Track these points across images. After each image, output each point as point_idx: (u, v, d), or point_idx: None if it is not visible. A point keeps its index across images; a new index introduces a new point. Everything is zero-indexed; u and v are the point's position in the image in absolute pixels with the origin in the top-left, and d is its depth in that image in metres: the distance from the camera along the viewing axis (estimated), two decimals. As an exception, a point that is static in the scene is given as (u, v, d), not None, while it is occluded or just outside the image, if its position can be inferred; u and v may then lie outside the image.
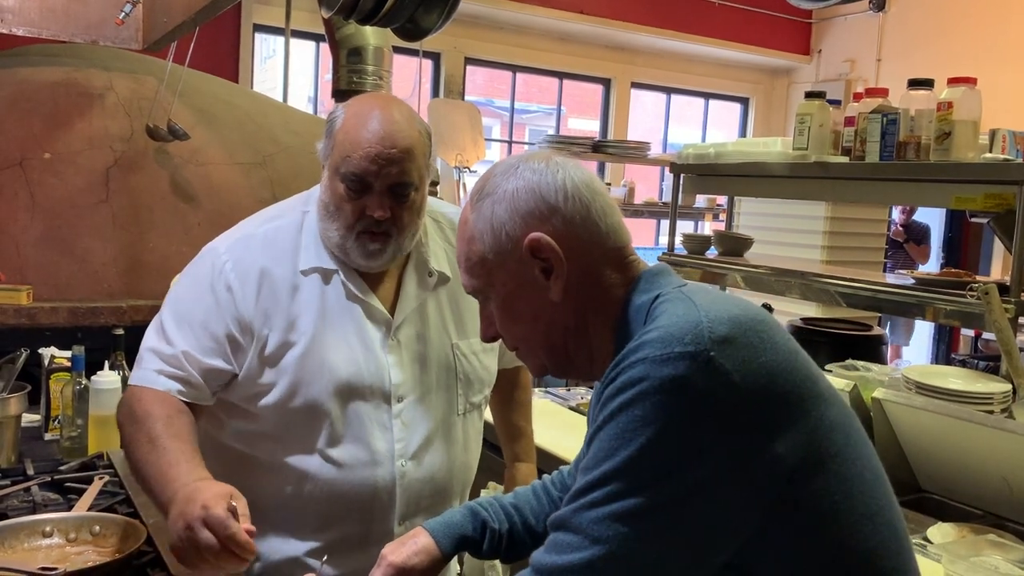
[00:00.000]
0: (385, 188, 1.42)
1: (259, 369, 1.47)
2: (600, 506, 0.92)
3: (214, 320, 1.45)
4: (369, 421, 1.49)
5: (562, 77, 7.56)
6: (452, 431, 1.58)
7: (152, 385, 1.44)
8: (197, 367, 1.45)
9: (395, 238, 1.46)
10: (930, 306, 2.25)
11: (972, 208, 2.23)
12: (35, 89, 2.94)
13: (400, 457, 1.50)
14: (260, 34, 6.09)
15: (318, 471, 1.47)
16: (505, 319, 1.11)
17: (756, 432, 0.91)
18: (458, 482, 1.61)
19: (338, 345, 1.48)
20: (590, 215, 1.07)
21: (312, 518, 1.50)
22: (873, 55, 7.44)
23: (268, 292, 1.47)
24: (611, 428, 0.93)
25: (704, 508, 0.90)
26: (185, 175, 3.09)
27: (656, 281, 1.07)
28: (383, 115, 1.43)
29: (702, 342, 0.91)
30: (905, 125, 2.30)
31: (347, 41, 3.76)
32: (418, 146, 1.45)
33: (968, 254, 7.43)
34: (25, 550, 1.42)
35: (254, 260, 1.48)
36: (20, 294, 2.68)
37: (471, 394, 1.60)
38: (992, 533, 1.79)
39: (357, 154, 1.41)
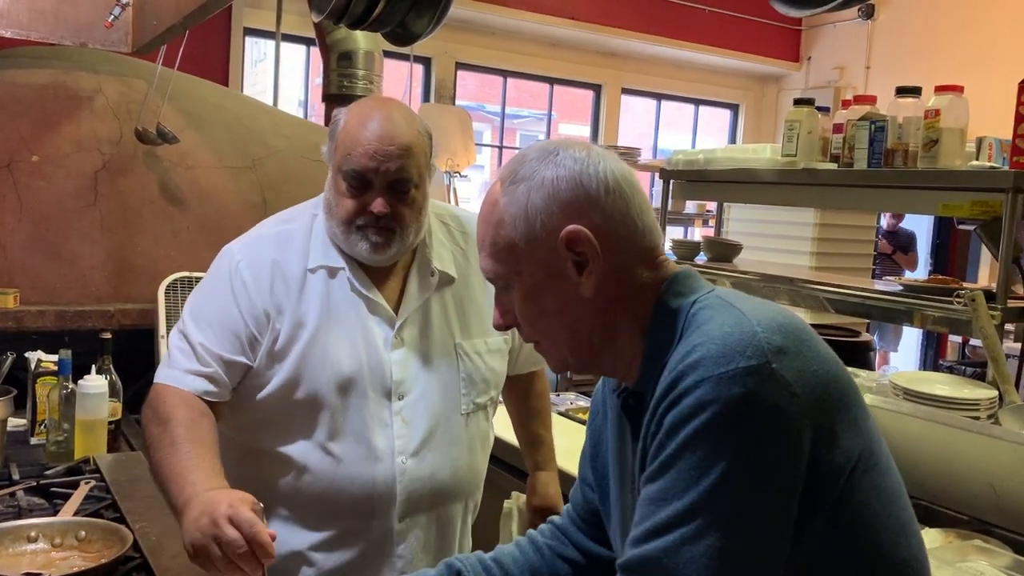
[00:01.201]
0: (384, 185, 1.46)
1: (267, 361, 1.51)
2: (695, 542, 0.88)
3: (233, 316, 1.50)
4: (370, 417, 1.51)
5: (553, 83, 7.57)
6: (455, 431, 1.59)
7: (178, 384, 1.47)
8: (220, 363, 1.48)
9: (398, 234, 1.50)
10: (918, 312, 2.26)
11: (959, 215, 2.24)
12: (23, 92, 2.93)
13: (400, 454, 1.52)
14: (251, 38, 6.07)
15: (318, 465, 1.50)
16: (529, 311, 1.06)
17: (818, 443, 0.90)
18: (462, 483, 1.62)
19: (341, 340, 1.51)
20: (629, 211, 1.03)
21: (313, 512, 1.53)
22: (862, 63, 7.48)
23: (280, 285, 1.52)
24: (689, 457, 0.89)
25: (783, 521, 0.89)
26: (174, 178, 3.08)
27: (689, 284, 1.04)
28: (382, 115, 1.48)
29: (762, 354, 0.89)
30: (893, 132, 2.32)
31: (338, 45, 3.76)
32: (417, 145, 1.48)
33: (955, 261, 7.47)
34: (10, 555, 1.41)
35: (267, 259, 1.54)
36: (7, 297, 2.66)
37: (475, 394, 1.61)
38: (978, 539, 1.79)
39: (357, 152, 1.45)
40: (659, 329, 1.01)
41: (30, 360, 2.24)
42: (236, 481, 1.45)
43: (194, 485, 1.30)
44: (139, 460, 1.99)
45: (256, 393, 1.52)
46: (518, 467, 2.45)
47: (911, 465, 2.11)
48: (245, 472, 1.53)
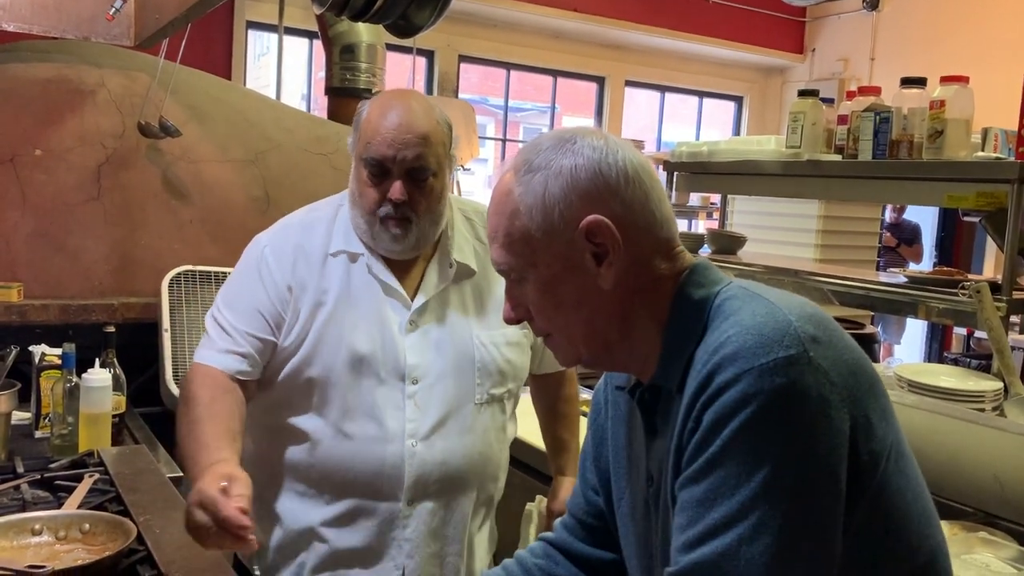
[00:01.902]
0: (403, 172, 1.51)
1: (288, 336, 1.58)
2: (753, 541, 0.85)
3: (260, 297, 1.58)
4: (382, 398, 1.55)
5: (556, 75, 7.56)
6: (469, 419, 1.61)
7: (210, 363, 1.55)
8: (249, 341, 1.56)
9: (416, 223, 1.54)
10: (922, 304, 2.25)
11: (964, 207, 2.23)
12: (26, 85, 2.92)
13: (411, 437, 1.56)
14: (253, 31, 6.07)
15: (330, 442, 1.56)
16: (544, 303, 1.03)
17: (856, 432, 0.88)
18: (474, 472, 1.64)
19: (357, 321, 1.57)
20: (648, 201, 1.00)
21: (325, 488, 1.58)
22: (866, 54, 7.45)
23: (303, 264, 1.60)
24: (737, 453, 0.86)
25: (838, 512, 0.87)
26: (177, 172, 3.08)
27: (710, 275, 1.02)
28: (402, 105, 1.53)
29: (799, 343, 0.87)
30: (898, 124, 2.31)
31: (340, 38, 3.74)
32: (435, 134, 1.53)
33: (960, 252, 7.45)
34: (14, 548, 1.42)
35: (291, 244, 1.62)
36: (11, 291, 2.66)
37: (490, 385, 1.63)
38: (983, 531, 1.79)
39: (376, 140, 1.51)
40: (681, 321, 0.99)
41: (34, 354, 2.25)
42: (257, 456, 1.59)
43: (198, 464, 1.37)
44: (143, 453, 1.99)
45: (278, 372, 1.59)
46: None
47: (916, 457, 2.11)
48: (262, 448, 1.62)
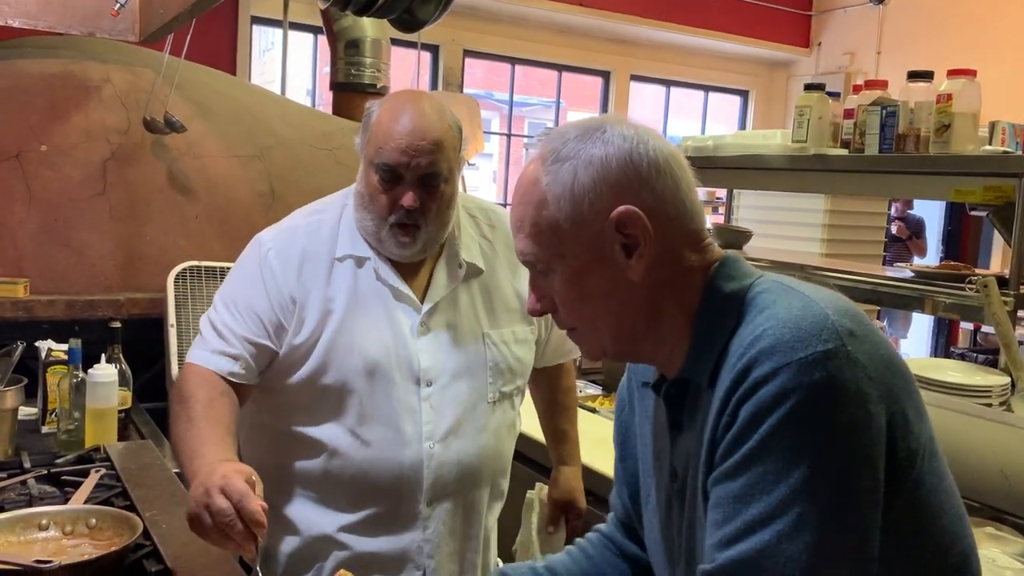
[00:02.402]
0: (416, 179, 1.49)
1: (295, 346, 1.54)
2: (792, 538, 0.83)
3: (261, 302, 1.55)
4: (398, 403, 1.54)
5: (561, 70, 7.54)
6: (482, 418, 1.61)
7: (204, 364, 1.52)
8: (245, 345, 1.53)
9: (425, 228, 1.52)
10: (929, 299, 2.24)
11: (971, 201, 2.22)
12: (31, 81, 2.93)
13: (428, 440, 1.55)
14: (258, 26, 6.06)
15: (347, 448, 1.54)
16: (571, 295, 1.01)
17: (893, 428, 0.87)
18: (488, 469, 1.64)
19: (368, 327, 1.55)
20: (678, 192, 0.99)
21: (342, 495, 1.56)
22: (873, 48, 7.42)
23: (308, 272, 1.56)
24: (776, 449, 0.85)
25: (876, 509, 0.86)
26: (182, 168, 3.08)
27: (740, 268, 1.00)
28: (414, 109, 1.50)
29: (837, 337, 0.86)
30: (904, 117, 2.29)
31: (345, 33, 3.74)
32: (448, 139, 1.51)
33: (967, 247, 7.43)
34: (21, 543, 1.42)
35: (297, 247, 1.58)
36: (17, 287, 2.67)
37: (501, 383, 1.64)
38: (990, 526, 1.79)
39: (389, 146, 1.48)
40: (712, 314, 0.97)
41: (40, 349, 2.25)
42: (267, 465, 1.52)
43: (203, 458, 1.35)
44: (149, 448, 2.00)
45: (287, 377, 1.56)
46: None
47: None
48: (276, 456, 1.59)
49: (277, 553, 1.62)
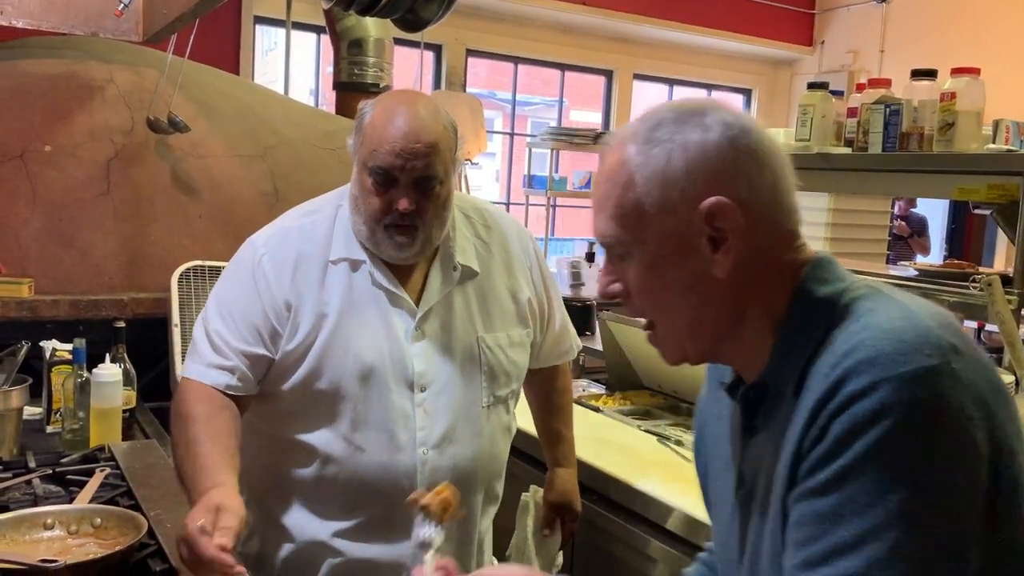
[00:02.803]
0: (410, 182, 1.46)
1: (289, 351, 1.52)
2: (886, 567, 0.78)
3: (254, 310, 1.52)
4: (392, 408, 1.52)
5: (564, 69, 7.54)
6: (476, 423, 1.60)
7: (200, 379, 1.51)
8: (240, 357, 1.51)
9: (422, 230, 1.50)
10: (933, 298, 2.23)
11: (975, 199, 2.22)
12: (35, 81, 2.93)
13: (422, 445, 1.54)
14: (261, 26, 6.07)
15: (341, 454, 1.52)
16: (648, 284, 0.96)
17: (997, 453, 0.82)
18: (483, 473, 1.64)
19: (362, 332, 1.53)
20: (778, 188, 0.94)
21: (336, 501, 1.54)
22: (876, 46, 7.41)
23: (302, 276, 1.54)
24: (871, 470, 0.79)
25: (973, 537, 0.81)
26: (186, 167, 3.09)
27: (834, 271, 0.95)
28: (409, 111, 1.47)
29: (942, 352, 0.80)
30: (908, 116, 2.29)
31: (348, 33, 3.74)
32: (443, 141, 1.48)
33: (971, 245, 7.41)
34: (27, 542, 1.42)
35: (291, 251, 1.56)
36: (21, 287, 2.68)
37: (496, 387, 1.62)
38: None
39: (383, 149, 1.45)
40: (801, 319, 0.92)
41: (45, 349, 2.26)
42: (261, 470, 1.54)
43: (195, 488, 1.36)
44: (153, 448, 2.01)
45: (281, 383, 1.54)
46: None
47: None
48: (270, 461, 1.57)
49: (273, 559, 1.61)
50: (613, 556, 2.15)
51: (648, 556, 2.03)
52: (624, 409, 2.73)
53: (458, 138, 1.54)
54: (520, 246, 1.71)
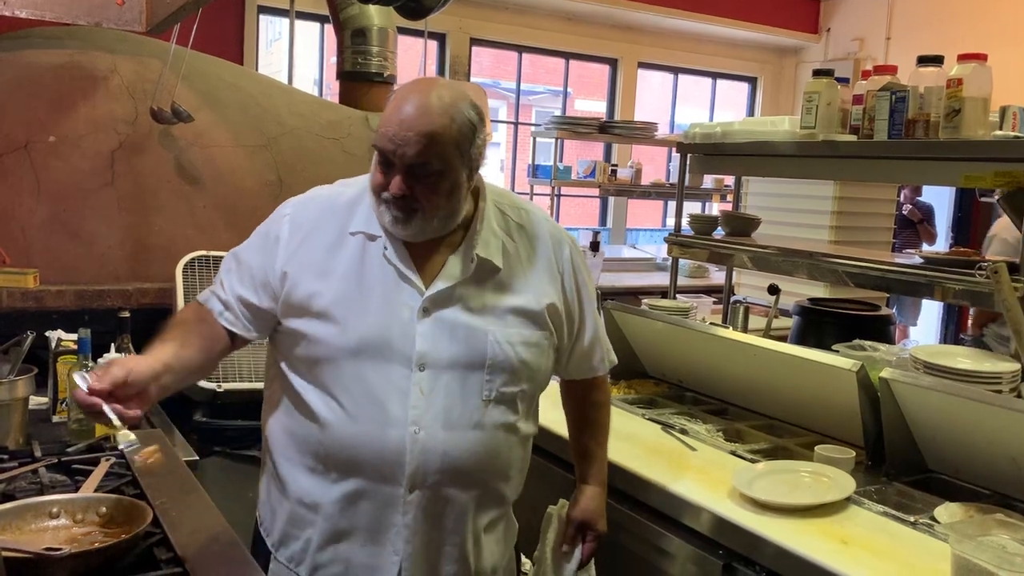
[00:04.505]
0: (403, 167, 1.49)
1: (290, 314, 1.60)
2: None
3: (259, 264, 1.63)
4: (388, 382, 1.55)
5: (568, 58, 7.52)
6: (475, 414, 1.59)
7: (203, 301, 1.66)
8: (236, 297, 1.62)
9: (420, 214, 1.53)
10: (939, 285, 2.23)
11: (982, 186, 2.21)
12: (39, 72, 2.93)
13: (414, 424, 1.55)
14: (265, 16, 6.05)
15: (336, 420, 1.56)
16: None
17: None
18: (479, 469, 1.62)
19: (366, 304, 1.57)
20: None
21: (332, 466, 1.59)
22: (882, 33, 7.37)
23: (312, 243, 1.61)
24: None
25: None
26: (190, 158, 3.09)
27: None
28: (416, 98, 1.50)
29: None
30: (914, 103, 2.28)
31: (351, 22, 3.73)
32: (445, 133, 1.49)
33: (977, 233, 7.37)
34: (32, 531, 1.43)
35: (311, 216, 1.64)
36: (27, 277, 2.68)
37: (501, 383, 1.61)
38: (1000, 513, 1.78)
39: (381, 131, 1.51)
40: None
41: (50, 339, 2.27)
42: (280, 427, 1.65)
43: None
44: (159, 437, 2.01)
45: (289, 348, 1.62)
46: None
47: (931, 439, 2.10)
48: (287, 419, 1.65)
49: (277, 513, 1.67)
50: (618, 544, 2.15)
51: (652, 543, 2.03)
52: (629, 398, 2.73)
53: (479, 135, 1.55)
54: (555, 252, 1.70)
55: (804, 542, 1.73)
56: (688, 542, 1.93)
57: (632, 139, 6.53)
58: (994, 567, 1.47)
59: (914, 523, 1.82)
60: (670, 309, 2.98)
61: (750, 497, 1.90)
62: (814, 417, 2.38)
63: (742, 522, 1.82)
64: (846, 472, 2.02)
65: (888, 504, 1.92)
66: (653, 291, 5.19)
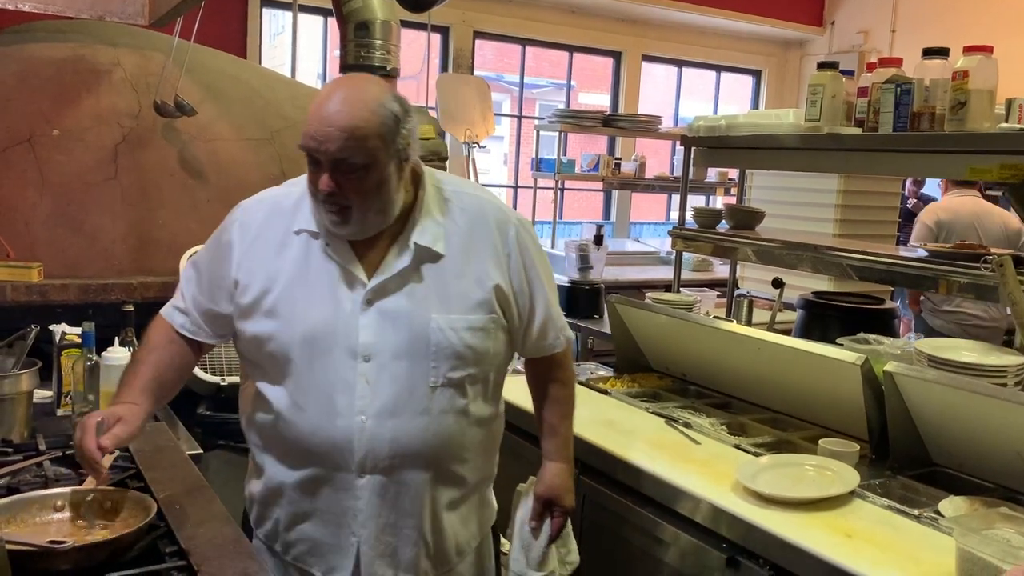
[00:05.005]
0: (329, 164, 1.52)
1: (243, 315, 1.65)
2: None
3: (213, 269, 1.69)
4: (334, 375, 1.60)
5: (572, 51, 7.49)
6: (423, 401, 1.62)
7: (162, 313, 1.74)
8: (197, 307, 1.71)
9: (355, 211, 1.55)
10: (944, 279, 2.23)
11: (987, 179, 2.20)
12: (43, 65, 2.93)
13: (360, 413, 1.59)
14: (268, 9, 6.04)
15: (288, 412, 1.63)
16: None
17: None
18: (430, 453, 1.65)
19: (311, 300, 1.61)
20: None
21: (288, 453, 1.66)
22: (887, 26, 7.33)
23: (261, 248, 1.65)
24: None
25: None
26: (193, 151, 3.08)
27: None
28: (335, 95, 1.53)
29: None
30: (919, 95, 2.27)
31: (354, 15, 3.72)
32: (367, 127, 1.50)
33: (983, 227, 7.35)
34: (37, 524, 1.43)
35: (258, 218, 1.69)
36: (31, 271, 2.68)
37: (448, 369, 1.63)
38: (1004, 506, 1.78)
39: (305, 130, 1.53)
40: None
41: (55, 333, 2.27)
42: (251, 412, 1.71)
43: (118, 397, 1.60)
44: (163, 431, 2.01)
45: (241, 340, 1.69)
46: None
47: (936, 433, 2.09)
48: (252, 407, 1.72)
49: (255, 494, 1.74)
50: (621, 537, 2.15)
51: (656, 537, 2.03)
52: (632, 391, 2.73)
53: (403, 126, 1.55)
54: (500, 233, 1.70)
55: (808, 535, 1.72)
56: (692, 535, 1.93)
57: (636, 132, 6.51)
58: (998, 560, 1.46)
59: (918, 517, 1.82)
60: (674, 303, 2.98)
61: (754, 491, 1.90)
62: (818, 411, 2.38)
63: (746, 515, 1.82)
64: (850, 466, 2.02)
65: (892, 498, 1.92)
66: (657, 285, 5.18)
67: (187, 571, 1.32)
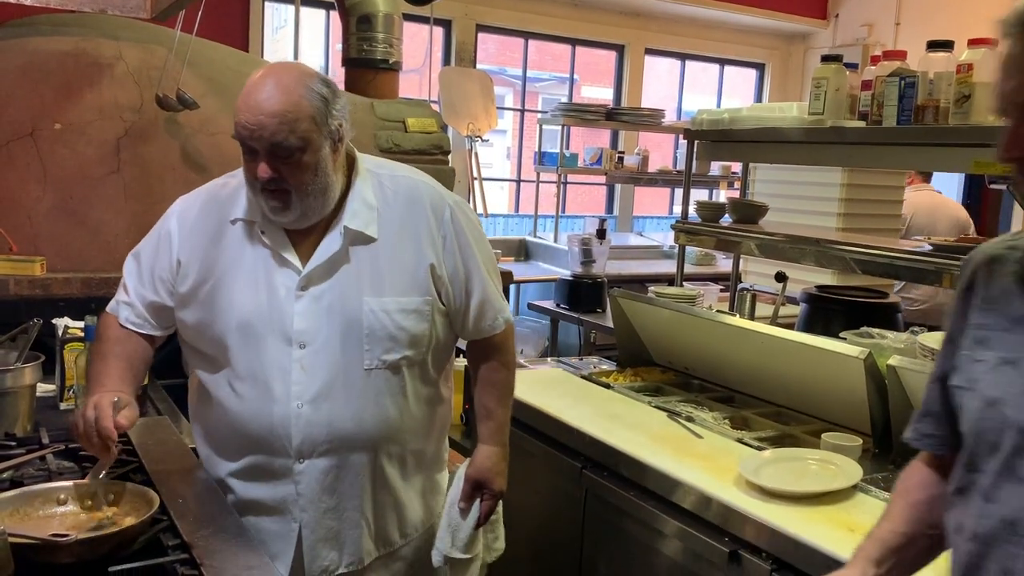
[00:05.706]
0: (265, 151, 1.53)
1: (180, 302, 1.69)
2: None
3: (154, 260, 1.72)
4: (270, 362, 1.62)
5: (575, 44, 7.47)
6: (357, 384, 1.64)
7: (110, 310, 1.75)
8: (141, 299, 1.72)
9: (295, 195, 1.57)
10: (947, 272, 2.22)
11: (992, 172, 2.19)
12: (45, 59, 2.93)
13: (297, 399, 1.61)
14: (270, 3, 6.03)
15: (226, 400, 1.65)
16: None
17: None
18: (367, 434, 1.66)
19: (246, 288, 1.63)
20: None
21: (230, 443, 1.68)
22: (891, 19, 7.31)
23: (198, 237, 1.69)
24: None
25: None
26: (195, 145, 3.08)
27: None
28: (261, 82, 1.55)
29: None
30: (924, 88, 2.26)
31: (357, 9, 3.72)
32: (297, 110, 1.53)
33: (986, 220, 7.34)
34: (40, 517, 1.44)
35: (195, 210, 1.72)
36: (34, 265, 2.69)
37: (381, 352, 1.65)
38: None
39: (237, 120, 1.55)
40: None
41: (57, 327, 2.27)
42: (194, 408, 1.75)
43: (101, 387, 1.60)
44: (165, 425, 2.02)
45: (182, 329, 1.72)
46: (542, 430, 2.46)
47: (939, 427, 2.09)
48: (195, 399, 1.76)
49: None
50: (623, 531, 2.15)
51: (658, 531, 2.03)
52: (635, 385, 2.73)
53: (333, 107, 1.57)
54: (434, 216, 1.71)
55: (811, 530, 1.72)
56: (694, 529, 1.93)
57: (639, 126, 6.50)
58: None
59: (921, 511, 1.82)
60: (677, 297, 2.98)
61: (757, 485, 1.90)
62: (821, 405, 2.37)
63: (748, 510, 1.82)
64: (853, 460, 2.01)
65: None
66: (660, 279, 5.17)
67: (190, 564, 1.33)
